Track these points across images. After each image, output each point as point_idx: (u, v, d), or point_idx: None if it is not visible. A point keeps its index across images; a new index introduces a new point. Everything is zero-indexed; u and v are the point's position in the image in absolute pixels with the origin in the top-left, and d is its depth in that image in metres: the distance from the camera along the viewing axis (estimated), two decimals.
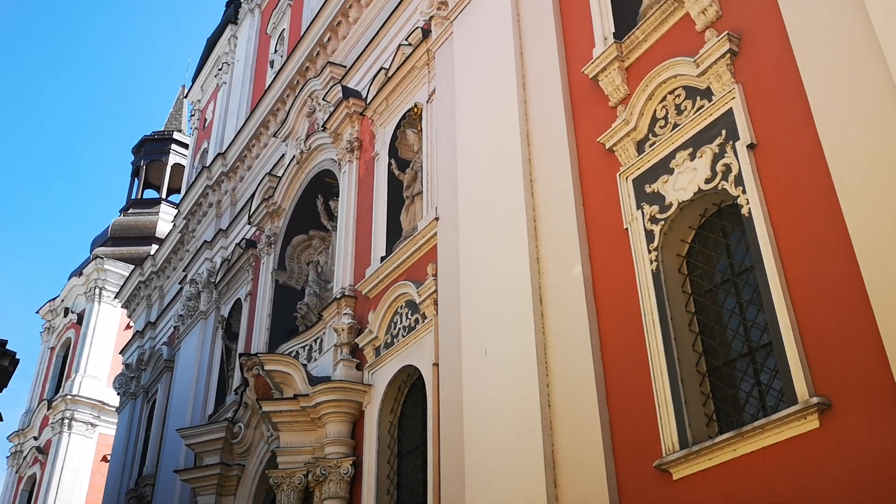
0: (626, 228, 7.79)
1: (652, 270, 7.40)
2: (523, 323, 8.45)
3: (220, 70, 23.97)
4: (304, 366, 11.89)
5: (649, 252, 7.50)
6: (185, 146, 43.31)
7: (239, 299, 17.08)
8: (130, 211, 41.94)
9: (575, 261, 8.21)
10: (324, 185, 15.41)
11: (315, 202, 15.62)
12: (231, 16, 24.45)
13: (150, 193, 43.19)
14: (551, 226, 8.72)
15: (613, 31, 8.72)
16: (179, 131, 45.07)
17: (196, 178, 20.93)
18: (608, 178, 8.27)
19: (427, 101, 12.14)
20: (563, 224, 8.56)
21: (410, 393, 11.00)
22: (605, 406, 7.42)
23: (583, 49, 9.19)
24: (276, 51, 20.64)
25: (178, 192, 43.06)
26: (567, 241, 8.43)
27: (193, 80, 26.80)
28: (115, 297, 28.63)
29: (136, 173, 43.37)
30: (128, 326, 38.45)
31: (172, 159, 43.31)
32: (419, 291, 10.62)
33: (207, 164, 20.32)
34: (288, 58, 17.65)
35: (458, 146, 10.67)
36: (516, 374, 8.33)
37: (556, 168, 8.90)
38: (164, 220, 40.04)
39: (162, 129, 45.66)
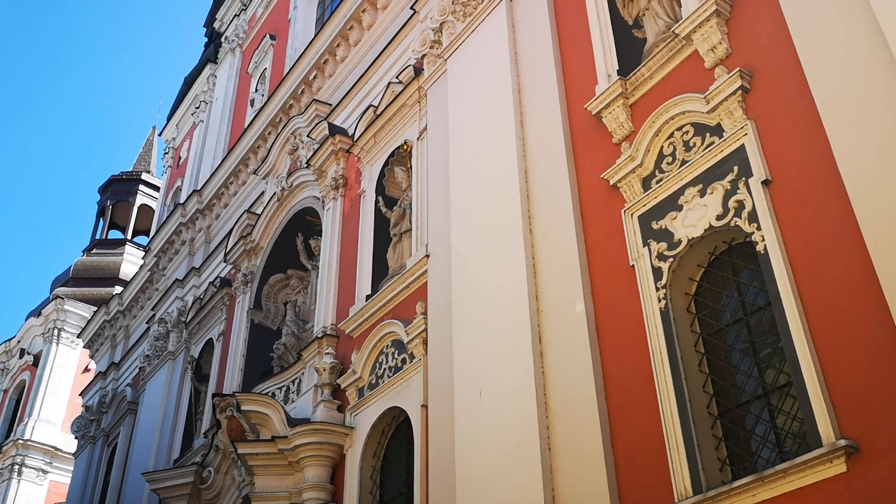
0: (633, 266, 7.58)
1: (660, 308, 7.17)
2: (521, 363, 8.15)
3: (197, 108, 23.72)
4: (282, 407, 11.40)
5: (657, 290, 7.28)
6: (154, 187, 42.85)
7: (211, 339, 16.55)
8: (94, 251, 41.11)
9: (577, 299, 7.97)
10: (304, 224, 15.09)
11: (294, 241, 15.28)
12: (211, 55, 24.31)
13: (114, 234, 42.38)
14: (551, 263, 8.50)
15: (617, 68, 8.63)
16: (148, 172, 44.65)
17: (169, 216, 20.49)
18: (612, 215, 8.08)
19: (417, 139, 11.96)
20: (563, 261, 8.34)
21: (395, 436, 10.58)
22: (611, 450, 7.11)
23: (584, 86, 9.08)
24: (256, 90, 20.47)
25: (145, 233, 42.53)
26: (568, 278, 8.20)
27: (168, 119, 26.50)
28: (77, 336, 27.76)
29: (101, 213, 42.59)
30: (86, 369, 37.51)
31: (140, 200, 42.78)
32: (407, 330, 10.29)
33: (182, 202, 19.89)
34: (271, 95, 17.45)
35: (451, 183, 10.47)
36: (514, 417, 8.00)
37: (557, 204, 8.71)
38: (129, 261, 39.38)
39: (130, 169, 45.08)
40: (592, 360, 7.55)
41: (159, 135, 26.70)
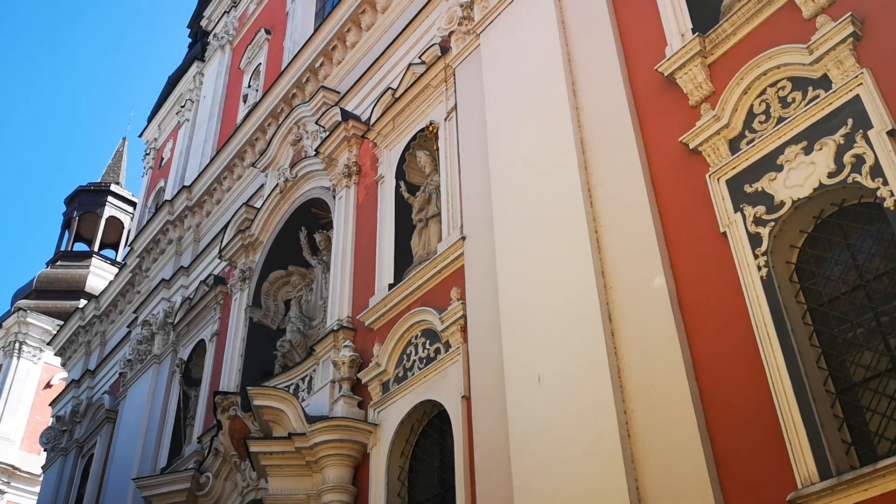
0: (724, 233, 6.84)
1: (762, 277, 6.43)
2: (589, 344, 7.34)
3: (182, 107, 22.78)
4: (299, 402, 10.43)
5: (755, 257, 6.54)
6: (123, 199, 41.66)
7: (202, 340, 15.49)
8: (58, 263, 39.57)
9: (654, 272, 7.20)
10: (308, 217, 14.20)
11: (296, 235, 14.37)
12: (197, 53, 23.44)
13: (79, 247, 40.87)
14: (619, 236, 7.73)
15: (691, 27, 7.96)
16: (118, 183, 43.30)
17: (154, 215, 19.41)
18: (692, 181, 7.36)
19: (445, 119, 11.19)
20: (634, 233, 7.58)
21: (424, 432, 9.68)
22: (707, 435, 6.32)
23: (648, 49, 8.41)
24: (249, 85, 19.61)
25: (112, 246, 41.14)
26: (642, 251, 7.43)
27: (149, 121, 25.52)
28: (48, 344, 26.27)
29: (67, 224, 41.08)
30: (48, 385, 35.91)
31: (108, 212, 41.33)
32: (442, 318, 9.44)
33: (169, 199, 18.84)
34: (272, 85, 16.57)
35: (490, 161, 9.69)
36: (582, 402, 7.17)
37: (623, 174, 7.97)
38: (96, 274, 38.04)
39: (99, 180, 43.70)
40: (679, 337, 6.77)
41: (139, 136, 25.63)
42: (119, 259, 40.47)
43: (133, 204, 41.54)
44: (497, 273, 8.81)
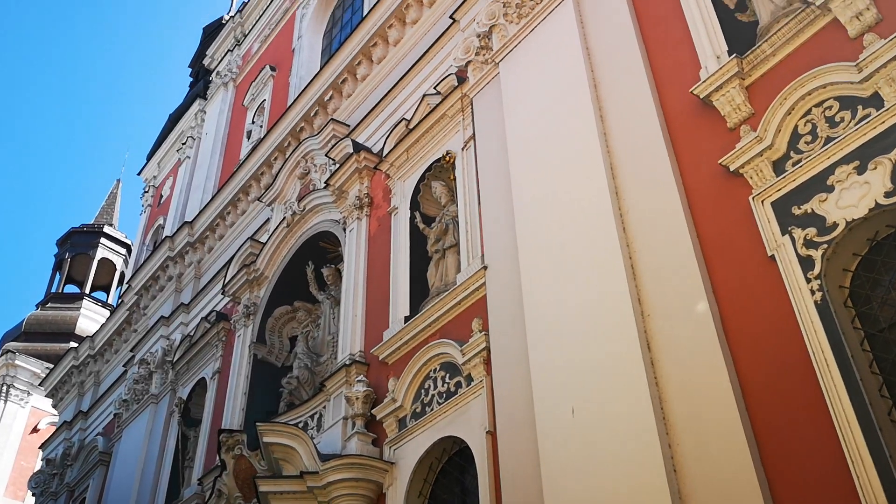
0: (772, 256, 6.55)
1: (816, 302, 6.12)
2: (627, 373, 6.99)
3: (183, 144, 22.59)
4: (311, 439, 9.97)
5: (808, 281, 6.24)
6: (116, 241, 41.31)
7: (203, 379, 15.01)
8: (49, 305, 38.99)
9: (696, 298, 6.88)
10: (316, 251, 13.87)
11: (303, 270, 14.01)
12: (200, 91, 23.35)
13: (70, 289, 40.32)
14: (656, 262, 7.43)
15: (727, 49, 7.77)
16: (111, 225, 42.93)
17: (154, 251, 19.03)
18: (733, 203, 7.09)
19: (462, 149, 10.95)
20: (672, 259, 7.28)
21: (443, 471, 9.23)
22: (762, 470, 5.94)
23: (679, 73, 8.21)
24: (253, 121, 19.45)
25: (103, 289, 40.61)
26: (681, 276, 7.12)
27: (148, 159, 25.30)
28: (40, 384, 25.58)
29: (58, 266, 40.58)
30: (34, 430, 35.08)
31: (100, 253, 40.87)
32: (463, 350, 9.06)
33: (171, 234, 18.48)
34: (279, 119, 16.37)
35: (513, 188, 9.42)
36: (621, 434, 6.79)
37: (657, 198, 7.70)
38: (87, 316, 37.51)
39: (92, 221, 43.30)
40: (726, 364, 6.42)
41: (138, 174, 25.35)
42: (111, 301, 39.99)
43: (126, 246, 41.22)
44: (524, 302, 8.47)
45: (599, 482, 6.78)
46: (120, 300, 20.18)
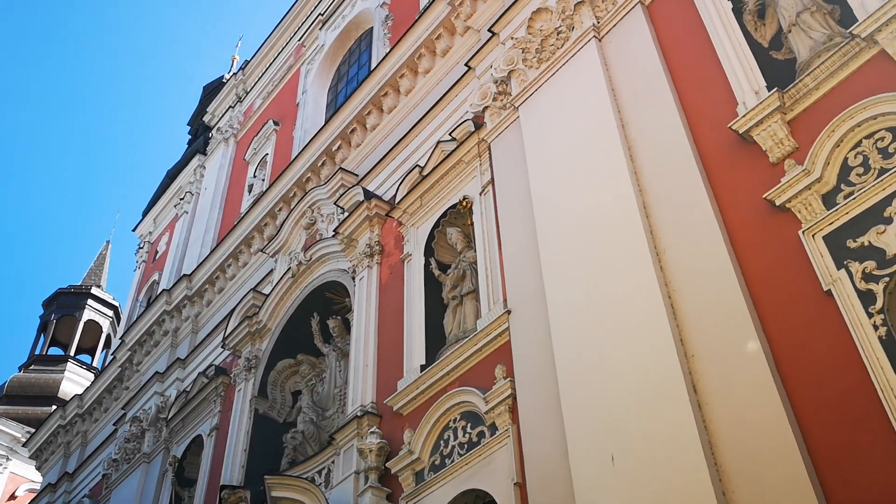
0: (828, 291, 6.22)
1: (880, 337, 5.78)
2: (672, 417, 6.58)
3: (181, 199, 22.30)
4: (323, 493, 9.41)
5: (870, 316, 5.91)
6: (104, 303, 40.66)
7: (199, 436, 14.40)
8: (32, 368, 38.07)
9: (745, 337, 6.52)
10: (321, 302, 13.46)
11: (307, 322, 13.57)
12: (200, 147, 23.24)
13: (54, 351, 39.49)
14: (697, 302, 7.08)
15: (765, 84, 7.58)
16: (99, 286, 42.29)
17: (149, 305, 18.53)
18: (779, 239, 6.80)
19: (480, 194, 10.69)
20: (716, 297, 6.94)
21: None
22: None
23: (711, 109, 8.03)
24: (255, 175, 19.24)
25: (88, 352, 39.77)
26: (726, 315, 6.77)
27: (144, 215, 25.00)
28: (23, 445, 24.66)
29: (43, 328, 39.76)
30: (12, 496, 33.84)
31: (87, 315, 40.14)
32: (486, 398, 8.62)
33: (168, 288, 18.02)
34: (284, 170, 16.13)
35: (538, 231, 9.12)
36: (668, 484, 6.35)
37: (696, 236, 7.40)
38: (70, 379, 36.65)
39: (80, 283, 42.66)
40: (783, 404, 6.03)
41: (133, 230, 25.00)
42: (96, 364, 39.15)
43: (114, 308, 40.62)
44: (553, 347, 8.07)
45: None
46: (112, 357, 19.55)
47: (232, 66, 27.97)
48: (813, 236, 6.54)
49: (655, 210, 7.96)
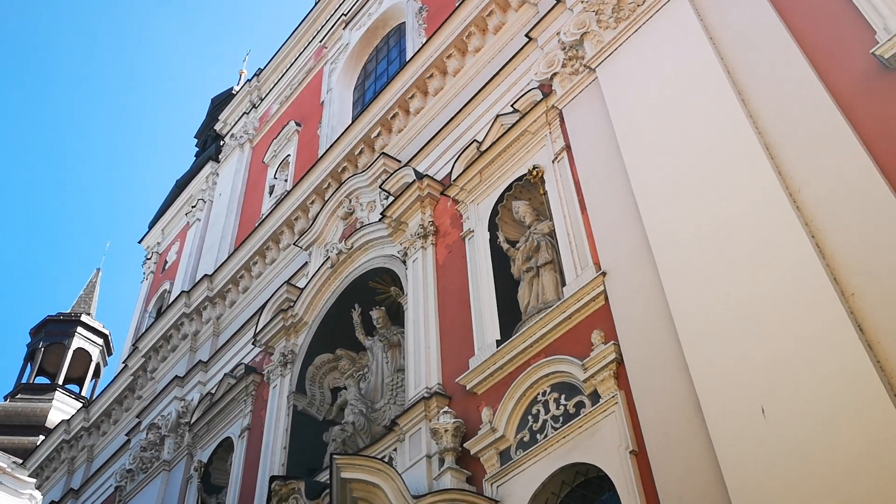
0: None
1: None
2: (839, 364, 5.81)
3: (193, 207, 21.48)
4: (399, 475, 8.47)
5: None
6: (93, 330, 39.38)
7: (227, 439, 13.39)
8: (18, 396, 36.68)
9: None
10: (362, 293, 12.60)
11: (346, 315, 12.69)
12: (212, 154, 22.54)
13: (41, 380, 38.09)
14: (847, 240, 6.36)
15: None
16: (88, 314, 40.99)
17: (165, 310, 17.55)
18: None
19: (554, 161, 9.97)
20: (871, 230, 6.24)
21: None
22: None
23: (838, 45, 7.40)
24: (276, 177, 18.48)
25: (76, 381, 38.38)
26: (888, 249, 6.06)
27: (151, 227, 24.13)
28: (22, 464, 23.34)
29: (31, 356, 38.41)
30: None
31: (76, 343, 38.82)
32: (585, 365, 7.79)
33: (187, 290, 17.07)
34: (315, 163, 15.38)
35: (634, 188, 8.39)
36: (837, 437, 5.55)
37: (835, 169, 6.71)
38: (58, 409, 35.25)
39: (69, 310, 41.36)
40: None
41: (139, 242, 24.08)
42: (84, 394, 37.79)
43: (104, 336, 39.44)
44: (669, 302, 7.28)
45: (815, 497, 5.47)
46: (124, 364, 18.46)
47: (240, 79, 27.44)
48: None
49: (780, 150, 7.26)
